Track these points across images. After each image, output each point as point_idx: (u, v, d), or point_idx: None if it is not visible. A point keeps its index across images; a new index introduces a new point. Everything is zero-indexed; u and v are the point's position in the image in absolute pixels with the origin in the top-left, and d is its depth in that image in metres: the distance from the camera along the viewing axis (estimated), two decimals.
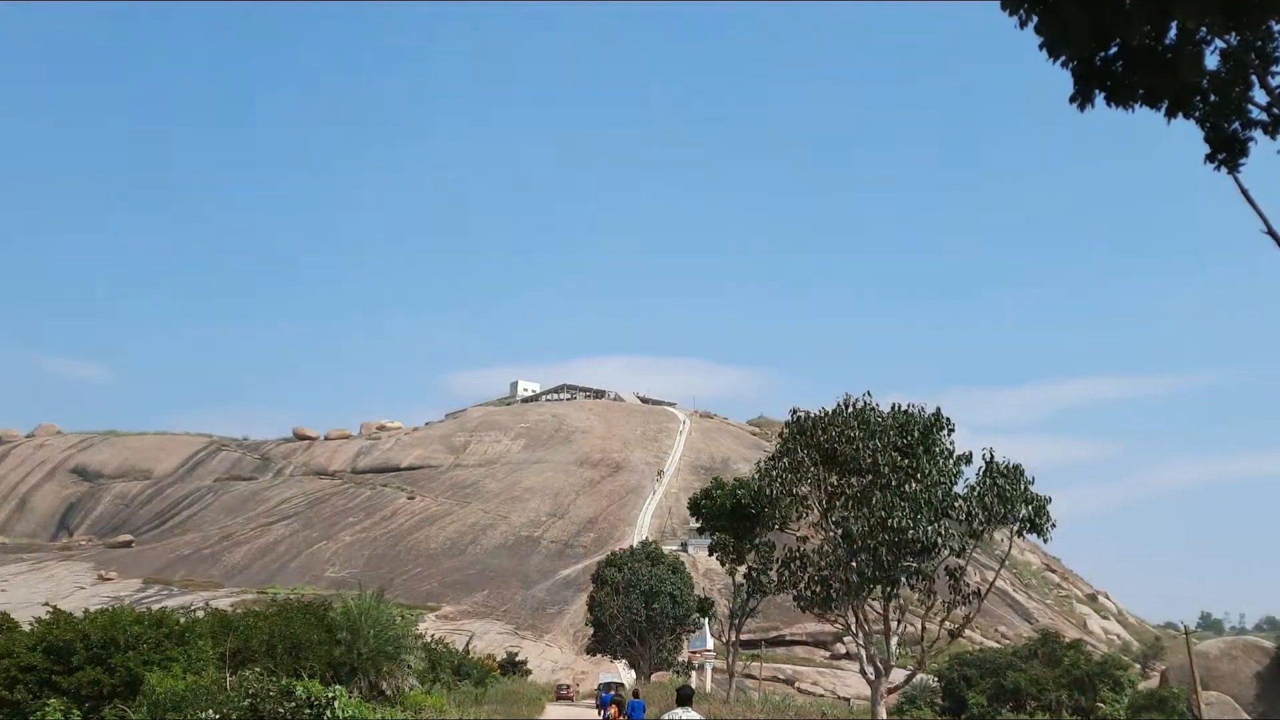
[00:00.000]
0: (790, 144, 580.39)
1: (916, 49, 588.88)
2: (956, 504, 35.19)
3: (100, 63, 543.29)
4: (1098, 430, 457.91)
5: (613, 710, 41.00)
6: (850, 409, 37.76)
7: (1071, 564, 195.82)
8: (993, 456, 35.64)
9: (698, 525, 58.70)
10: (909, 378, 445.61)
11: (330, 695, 22.64)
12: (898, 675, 48.48)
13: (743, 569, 54.31)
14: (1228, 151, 8.24)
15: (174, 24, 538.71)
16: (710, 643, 78.51)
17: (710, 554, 57.90)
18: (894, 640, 36.70)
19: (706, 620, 75.51)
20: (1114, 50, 8.20)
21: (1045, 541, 36.48)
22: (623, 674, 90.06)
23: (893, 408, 37.73)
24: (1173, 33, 8.05)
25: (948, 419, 37.17)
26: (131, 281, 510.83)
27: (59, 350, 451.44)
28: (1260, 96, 8.17)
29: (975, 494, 35.13)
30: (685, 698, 16.49)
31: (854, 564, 35.34)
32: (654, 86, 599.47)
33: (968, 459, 36.71)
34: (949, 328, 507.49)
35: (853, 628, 37.70)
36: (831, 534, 36.71)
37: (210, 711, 22.33)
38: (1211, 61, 8.11)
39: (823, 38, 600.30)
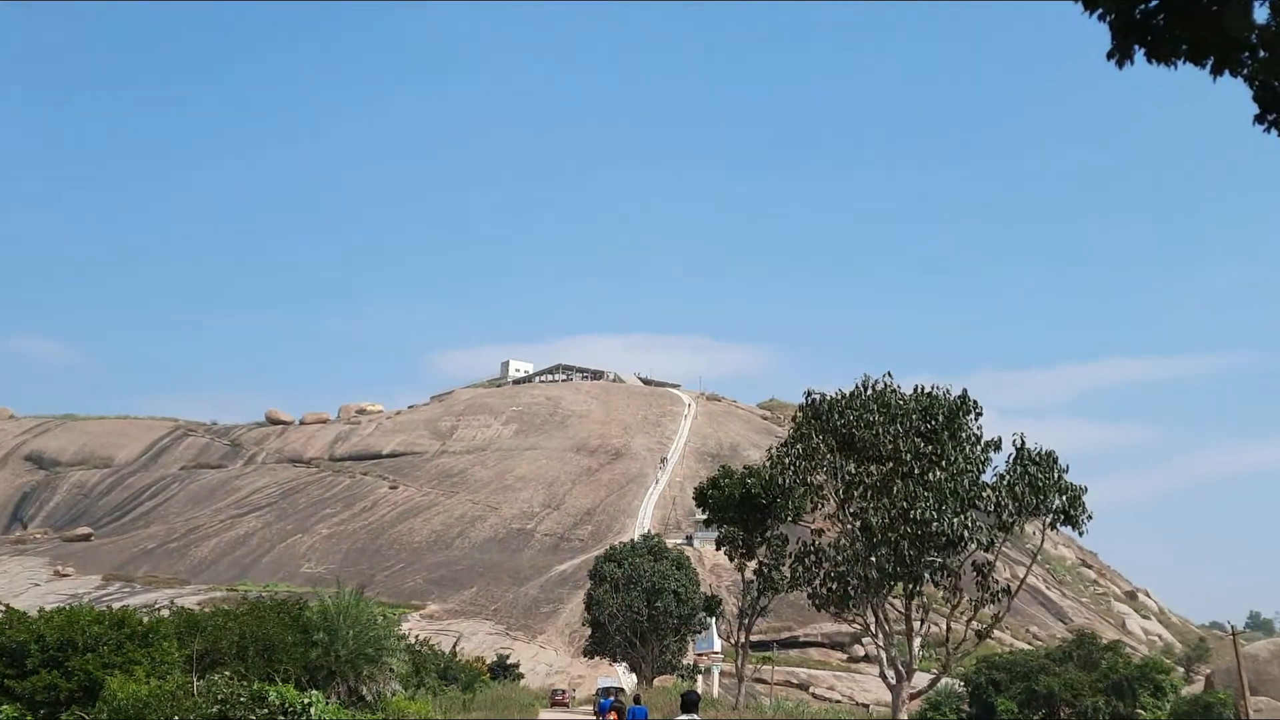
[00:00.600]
0: (806, 113, 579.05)
1: (937, 27, 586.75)
2: (984, 494, 35.32)
3: (66, 35, 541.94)
4: (1134, 413, 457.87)
5: (612, 717, 41.20)
6: (869, 391, 37.82)
7: (1109, 559, 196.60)
8: (1024, 442, 35.75)
9: (704, 517, 58.89)
10: (932, 358, 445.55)
11: (306, 701, 22.77)
12: (921, 679, 48.60)
13: (753, 564, 54.50)
14: (1278, 112, 8.22)
15: None
16: (717, 644, 78.85)
17: (718, 548, 58.14)
18: (917, 641, 36.83)
19: (713, 620, 75.82)
20: (1155, 3, 8.18)
21: (1080, 534, 36.66)
22: (623, 678, 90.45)
23: (915, 390, 37.80)
24: None
25: (975, 402, 37.26)
26: (93, 255, 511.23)
27: (13, 327, 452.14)
28: None
29: (1005, 483, 35.26)
30: (690, 704, 16.60)
31: (873, 559, 35.46)
32: (659, 54, 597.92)
33: (996, 445, 36.83)
34: (975, 305, 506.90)
35: (872, 628, 37.84)
36: (849, 526, 36.81)
37: (175, 718, 22.44)
38: (1261, 14, 8.08)
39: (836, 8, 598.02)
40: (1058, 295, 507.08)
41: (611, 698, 53.40)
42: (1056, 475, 34.88)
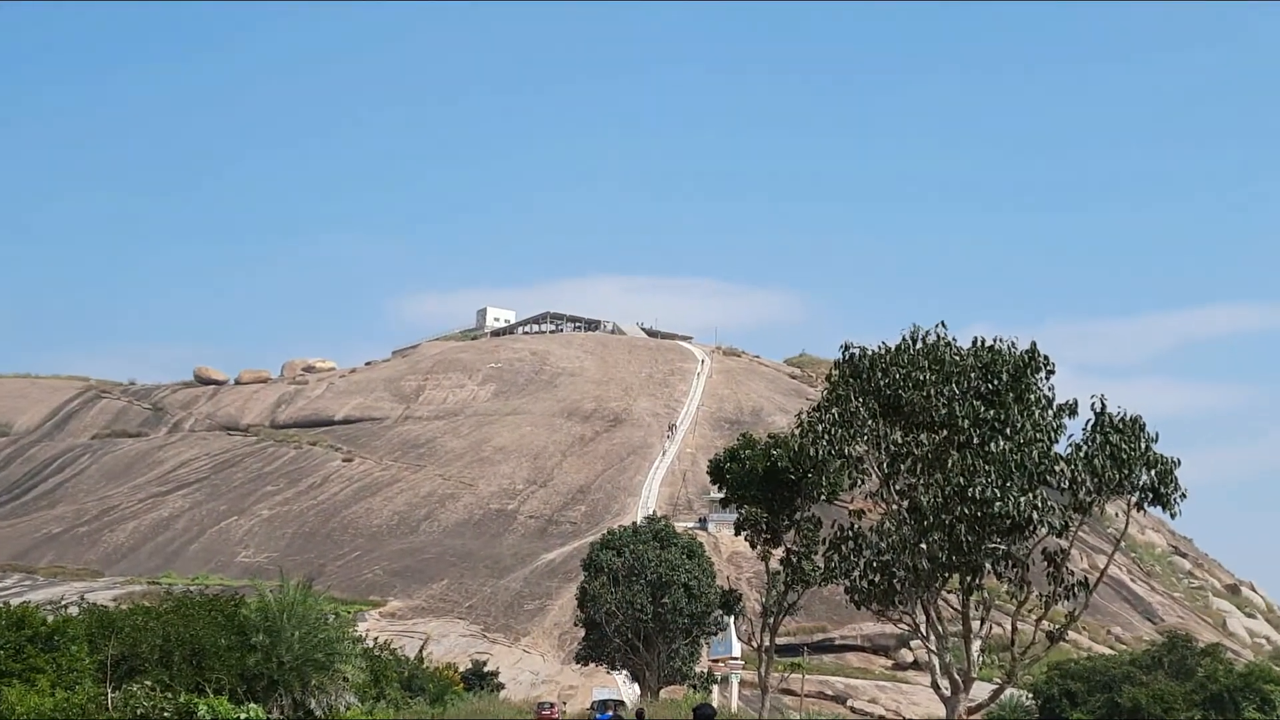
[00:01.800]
0: (842, 16, 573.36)
1: None
2: (1057, 468, 35.36)
3: None
4: (1238, 372, 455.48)
5: None
6: (919, 345, 37.81)
7: (1206, 546, 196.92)
8: (1104, 406, 35.76)
9: (721, 496, 59.06)
10: (995, 305, 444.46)
11: (243, 716, 22.91)
12: (981, 690, 48.90)
13: (779, 552, 54.67)
14: None
15: None
16: (737, 648, 79.15)
17: (737, 533, 58.31)
18: (976, 645, 37.00)
19: (732, 620, 76.09)
20: None
21: (1173, 516, 36.71)
22: (623, 689, 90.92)
23: (974, 343, 37.78)
24: None
25: (1045, 358, 37.25)
26: None
27: None
28: None
29: (1081, 455, 35.29)
30: (704, 719, 16.67)
31: (924, 546, 35.55)
32: None
33: (1072, 409, 36.83)
34: (1045, 242, 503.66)
35: (922, 629, 37.99)
36: (895, 507, 36.88)
37: None
38: None
39: None
40: (1144, 230, 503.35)
41: (609, 712, 53.86)
42: (1144, 445, 34.88)
